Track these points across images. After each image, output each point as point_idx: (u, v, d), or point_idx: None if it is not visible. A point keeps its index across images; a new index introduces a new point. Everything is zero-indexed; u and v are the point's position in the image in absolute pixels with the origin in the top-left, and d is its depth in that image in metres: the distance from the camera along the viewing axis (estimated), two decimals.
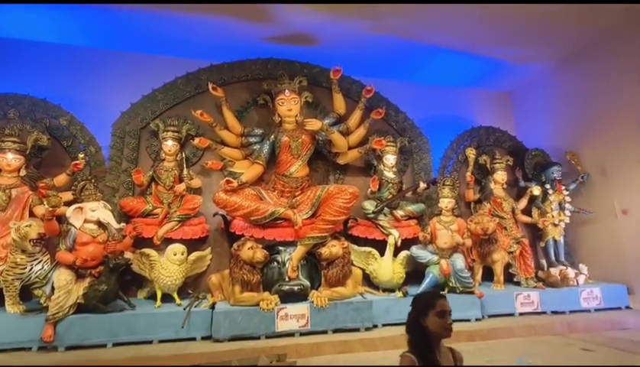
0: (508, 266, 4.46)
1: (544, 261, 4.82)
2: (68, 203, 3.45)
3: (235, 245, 3.50)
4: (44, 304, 3.09)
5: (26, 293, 3.24)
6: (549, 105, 5.80)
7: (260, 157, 4.21)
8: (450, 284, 3.85)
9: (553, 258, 4.76)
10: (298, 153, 4.19)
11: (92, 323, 3.05)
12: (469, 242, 4.14)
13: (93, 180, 3.62)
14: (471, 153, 4.95)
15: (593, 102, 5.05)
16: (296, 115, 4.25)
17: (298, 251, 3.73)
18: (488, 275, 4.45)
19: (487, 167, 5.04)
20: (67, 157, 4.07)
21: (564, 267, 4.48)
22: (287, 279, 3.60)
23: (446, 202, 4.22)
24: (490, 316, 3.85)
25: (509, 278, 4.45)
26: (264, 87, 4.53)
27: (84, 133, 4.17)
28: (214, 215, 4.04)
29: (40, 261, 3.21)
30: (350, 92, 4.83)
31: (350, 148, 4.45)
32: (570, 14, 4.41)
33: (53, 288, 3.10)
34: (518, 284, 4.39)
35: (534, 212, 4.92)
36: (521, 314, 3.94)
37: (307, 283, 3.63)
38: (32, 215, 3.46)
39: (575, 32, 4.84)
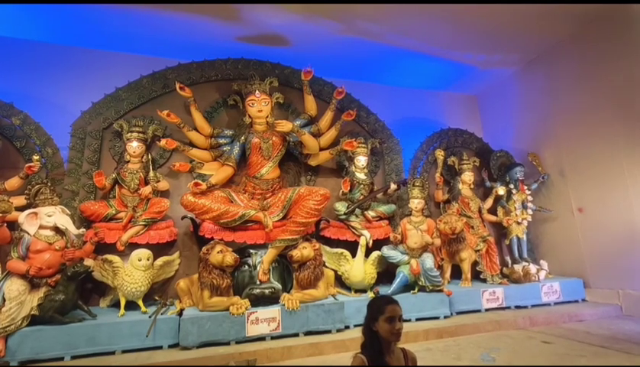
0: (475, 264, 4.61)
1: (508, 258, 5.02)
2: (21, 208, 3.23)
3: (204, 249, 3.41)
4: None
5: None
6: (513, 108, 6.05)
7: (230, 158, 4.13)
8: (420, 283, 3.93)
9: (517, 254, 4.96)
10: (269, 154, 4.15)
11: (47, 336, 2.88)
12: (438, 242, 4.24)
13: (50, 184, 3.41)
14: (440, 154, 5.08)
15: (553, 105, 5.31)
16: (267, 116, 4.20)
17: (270, 253, 3.69)
18: (457, 273, 4.57)
19: (455, 167, 5.19)
20: (21, 158, 3.84)
21: (527, 264, 4.68)
22: (258, 282, 3.55)
23: (416, 202, 4.30)
24: (458, 313, 3.97)
25: (476, 275, 4.60)
26: (234, 88, 4.45)
27: (40, 133, 3.93)
28: (183, 218, 3.92)
29: None
30: (322, 94, 4.83)
31: (321, 150, 4.45)
32: (531, 21, 4.62)
33: (3, 300, 2.89)
34: (484, 280, 4.55)
35: (500, 211, 5.11)
36: (487, 310, 4.08)
37: (278, 286, 3.59)
38: None
39: (536, 38, 5.08)
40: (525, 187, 5.15)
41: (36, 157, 3.54)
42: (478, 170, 5.40)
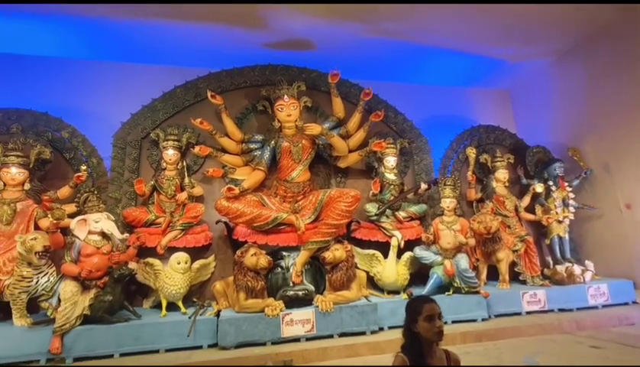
0: (513, 265, 4.44)
1: (549, 259, 4.78)
2: (72, 215, 3.47)
3: (239, 252, 3.50)
4: (51, 316, 3.11)
5: (33, 306, 3.26)
6: (549, 102, 5.79)
7: (261, 163, 4.22)
8: (455, 285, 3.83)
9: (558, 255, 4.72)
10: (299, 158, 4.20)
11: (98, 334, 3.06)
12: (472, 242, 4.13)
13: (96, 192, 3.64)
14: (471, 152, 4.94)
15: (593, 96, 5.04)
16: (296, 120, 4.26)
17: (302, 255, 3.74)
18: (493, 274, 4.43)
19: (488, 165, 5.03)
20: (70, 169, 4.11)
21: (570, 264, 4.44)
22: (291, 284, 3.60)
23: (447, 202, 4.21)
24: (497, 316, 3.82)
25: (515, 277, 4.43)
26: (263, 93, 4.55)
27: (86, 145, 4.20)
28: (217, 222, 4.05)
29: (45, 274, 3.23)
30: (349, 96, 4.84)
31: (350, 151, 4.45)
32: (567, 10, 4.41)
33: (59, 300, 3.11)
34: (524, 282, 4.37)
35: (538, 209, 4.89)
36: (528, 313, 3.91)
37: (311, 287, 3.63)
38: (37, 228, 3.49)
39: (572, 28, 4.85)
40: (566, 184, 4.90)
41: (83, 168, 3.79)
42: (513, 167, 5.20)
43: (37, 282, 3.19)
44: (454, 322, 3.63)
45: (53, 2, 3.78)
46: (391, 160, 4.56)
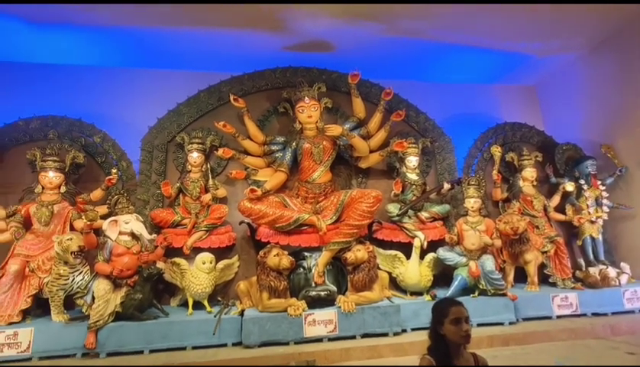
0: (542, 267, 4.29)
1: (581, 261, 4.58)
2: (104, 217, 3.63)
3: (261, 253, 3.56)
4: (86, 313, 3.26)
5: (69, 303, 3.43)
6: (579, 97, 5.55)
7: (283, 164, 4.27)
8: (481, 286, 3.74)
9: (591, 257, 4.52)
10: (320, 159, 4.22)
11: (129, 331, 3.19)
12: (498, 243, 4.02)
13: (126, 194, 3.80)
14: (496, 150, 4.80)
15: (627, 89, 4.79)
16: (316, 122, 4.29)
17: (324, 256, 3.75)
18: (521, 276, 4.29)
19: (515, 164, 4.88)
20: (101, 172, 4.29)
21: (604, 267, 4.25)
22: (314, 285, 3.63)
23: (472, 202, 4.12)
24: (525, 320, 3.71)
25: (544, 279, 4.28)
26: (284, 95, 4.61)
27: (116, 149, 4.38)
28: (240, 223, 4.13)
29: (80, 272, 3.40)
30: (370, 96, 4.82)
31: (371, 152, 4.44)
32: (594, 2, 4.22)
33: (93, 297, 3.27)
34: (554, 285, 4.21)
35: (569, 209, 4.70)
36: (559, 317, 3.77)
37: (334, 288, 3.64)
38: (72, 229, 3.67)
39: (604, 19, 4.63)
40: (599, 182, 4.69)
41: (114, 171, 3.95)
42: (541, 165, 5.02)
43: (72, 280, 3.35)
44: (479, 325, 3.54)
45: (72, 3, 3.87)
46: (413, 160, 4.50)
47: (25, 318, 3.36)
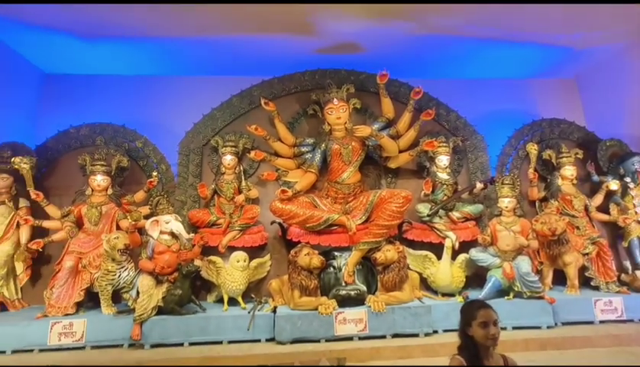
0: (583, 269, 4.10)
1: (627, 264, 4.34)
2: (146, 217, 3.88)
3: (293, 252, 3.66)
4: (131, 306, 3.51)
5: (116, 297, 3.70)
6: (623, 89, 5.22)
7: (313, 165, 4.35)
8: (516, 289, 3.64)
9: (639, 259, 4.26)
10: (349, 159, 4.27)
11: (170, 324, 3.38)
12: (534, 244, 3.89)
13: (165, 195, 4.03)
14: (532, 148, 4.62)
15: None
16: (345, 123, 4.34)
17: (354, 256, 3.80)
18: (559, 279, 4.12)
19: (553, 162, 4.69)
20: (143, 175, 4.57)
21: None
22: (344, 284, 3.68)
23: (506, 202, 4.01)
24: (565, 324, 3.57)
25: (586, 282, 4.09)
26: (313, 98, 4.69)
27: (156, 153, 4.64)
28: (272, 223, 4.25)
29: (126, 269, 3.65)
30: (399, 95, 4.80)
31: (401, 151, 4.42)
32: None
33: (137, 292, 3.51)
34: (596, 288, 4.02)
35: (613, 208, 4.45)
36: (602, 322, 3.59)
37: (363, 287, 3.68)
38: (118, 228, 3.94)
39: None
40: None
41: (155, 174, 4.20)
42: (582, 163, 4.79)
43: (119, 276, 3.61)
44: (515, 328, 3.45)
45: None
46: (443, 160, 4.44)
47: (79, 310, 3.66)
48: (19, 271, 3.92)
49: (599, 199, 4.54)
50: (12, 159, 3.81)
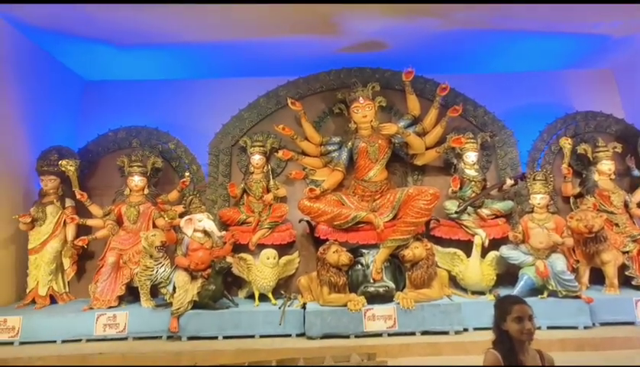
0: (623, 268, 3.94)
1: None
2: (180, 215, 4.06)
3: (321, 249, 3.73)
4: (169, 301, 3.69)
5: (154, 291, 3.90)
6: None
7: (339, 164, 4.40)
8: (550, 287, 3.54)
9: None
10: (376, 157, 4.28)
11: (204, 318, 3.53)
12: (570, 242, 3.77)
13: (198, 195, 4.19)
14: (566, 143, 4.45)
15: None
16: (371, 121, 4.35)
17: (382, 253, 3.82)
18: (597, 278, 3.97)
19: (588, 156, 4.51)
20: (175, 175, 4.77)
21: None
22: (372, 281, 3.71)
23: (539, 198, 3.91)
24: (603, 324, 3.45)
25: (626, 281, 3.92)
26: (339, 97, 4.73)
27: (188, 154, 4.82)
28: (300, 221, 4.33)
29: (163, 265, 3.82)
30: (424, 92, 4.76)
31: (427, 148, 4.38)
32: None
33: (174, 287, 3.68)
34: (637, 288, 3.85)
35: None
36: None
37: (392, 285, 3.69)
38: (155, 226, 4.14)
39: None
40: None
41: (187, 174, 4.37)
42: (621, 157, 4.58)
43: (157, 272, 3.78)
44: (549, 328, 3.37)
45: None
46: (471, 156, 4.37)
47: (120, 303, 3.89)
48: (66, 266, 4.19)
49: (639, 195, 4.33)
50: (59, 162, 4.07)
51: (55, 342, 3.49)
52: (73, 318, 3.60)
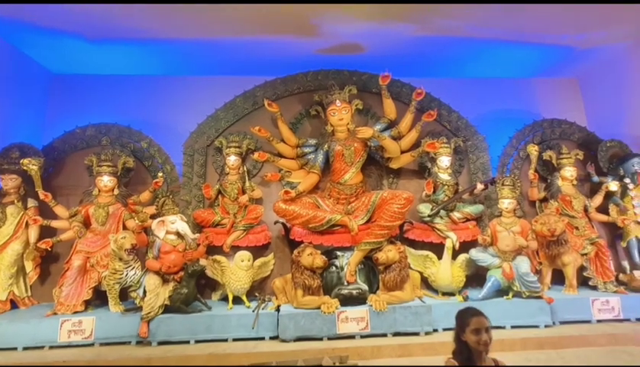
0: (581, 269, 4.16)
1: (626, 264, 4.40)
2: (152, 217, 3.94)
3: (296, 252, 3.73)
4: (139, 305, 3.59)
5: (124, 295, 3.79)
6: (626, 90, 5.24)
7: (315, 166, 4.41)
8: (515, 288, 3.70)
9: (637, 259, 4.32)
10: (352, 160, 4.32)
11: (176, 322, 3.47)
12: (534, 245, 3.95)
13: (171, 196, 4.09)
14: (533, 149, 4.66)
15: None
16: (347, 124, 4.38)
17: (356, 256, 3.87)
18: (558, 279, 4.18)
19: (553, 162, 4.72)
20: (148, 175, 4.64)
21: None
22: (346, 283, 3.75)
23: (506, 203, 4.06)
24: (562, 323, 3.64)
25: (584, 282, 4.15)
26: (316, 99, 4.73)
27: (161, 153, 4.69)
28: (275, 223, 4.32)
29: (133, 268, 3.73)
30: (401, 96, 4.84)
31: (402, 152, 4.46)
32: None
33: (144, 291, 3.58)
34: (594, 288, 4.08)
35: (612, 209, 4.49)
36: (599, 321, 3.66)
37: (365, 287, 3.75)
38: (125, 228, 4.01)
39: None
40: None
41: (160, 174, 4.26)
42: (582, 163, 4.83)
43: (126, 275, 3.69)
44: (513, 327, 3.52)
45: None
46: (445, 160, 4.48)
47: (87, 308, 3.75)
48: (28, 269, 4.01)
49: (598, 199, 4.59)
50: (21, 160, 3.87)
51: (16, 349, 3.34)
52: (36, 324, 3.44)
